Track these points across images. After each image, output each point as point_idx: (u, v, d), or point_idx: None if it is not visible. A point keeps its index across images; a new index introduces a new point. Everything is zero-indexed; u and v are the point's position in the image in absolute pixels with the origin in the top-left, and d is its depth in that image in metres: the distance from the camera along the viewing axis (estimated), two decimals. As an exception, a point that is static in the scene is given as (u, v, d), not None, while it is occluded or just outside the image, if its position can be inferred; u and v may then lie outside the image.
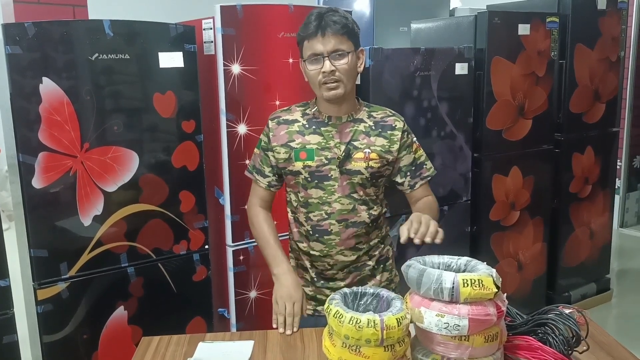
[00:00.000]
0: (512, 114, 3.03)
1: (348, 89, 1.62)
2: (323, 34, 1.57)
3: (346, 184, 1.67)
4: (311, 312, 1.77)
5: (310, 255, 1.74)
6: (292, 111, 1.74)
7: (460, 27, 3.03)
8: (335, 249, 1.70)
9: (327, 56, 1.57)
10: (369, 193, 1.70)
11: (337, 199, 1.67)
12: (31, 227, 1.94)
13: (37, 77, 1.87)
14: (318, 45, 1.57)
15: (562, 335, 1.28)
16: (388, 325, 1.17)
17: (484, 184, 3.01)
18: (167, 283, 2.22)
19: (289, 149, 1.68)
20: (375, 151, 1.66)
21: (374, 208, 1.72)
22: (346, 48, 1.59)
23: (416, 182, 1.75)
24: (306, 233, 1.73)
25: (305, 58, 1.62)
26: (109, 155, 2.03)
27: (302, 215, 1.72)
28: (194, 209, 2.24)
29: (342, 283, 1.75)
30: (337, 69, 1.58)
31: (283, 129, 1.71)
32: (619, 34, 3.41)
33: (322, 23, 1.57)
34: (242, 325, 2.44)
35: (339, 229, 1.68)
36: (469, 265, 1.31)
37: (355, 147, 1.66)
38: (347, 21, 1.60)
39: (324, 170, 1.66)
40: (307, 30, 1.59)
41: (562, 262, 3.45)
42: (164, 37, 2.08)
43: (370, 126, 1.69)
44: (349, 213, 1.68)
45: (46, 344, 2.00)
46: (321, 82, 1.60)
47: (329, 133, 1.67)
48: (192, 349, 1.53)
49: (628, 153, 5.20)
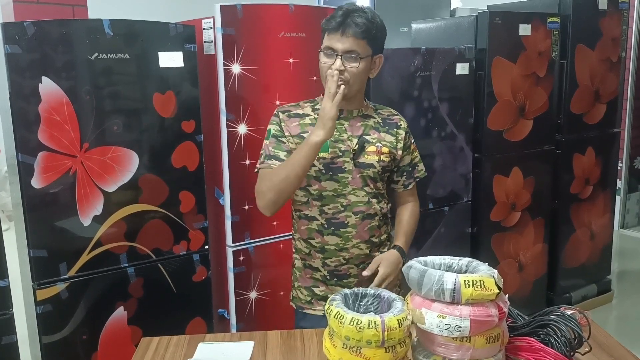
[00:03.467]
0: (512, 114, 3.02)
1: (352, 92, 1.63)
2: (343, 32, 1.57)
3: (359, 177, 1.68)
4: (321, 313, 1.74)
5: (324, 252, 1.71)
6: (301, 106, 1.74)
7: (460, 27, 3.03)
8: (352, 242, 1.69)
9: (341, 55, 1.58)
10: (378, 187, 1.72)
11: (351, 191, 1.68)
12: (30, 227, 1.94)
13: (37, 76, 1.86)
14: (336, 41, 1.58)
15: (564, 336, 1.27)
16: (389, 326, 1.16)
17: (485, 185, 3.01)
18: (167, 283, 2.21)
19: (301, 140, 1.64)
20: (386, 146, 1.70)
21: (382, 202, 1.75)
22: (362, 52, 1.59)
23: (410, 183, 1.80)
24: (320, 227, 1.70)
25: (322, 49, 1.63)
26: (109, 155, 2.02)
27: (315, 209, 1.70)
28: (194, 209, 2.23)
29: (354, 280, 1.73)
30: (347, 69, 1.59)
31: (295, 122, 1.70)
32: (619, 35, 3.40)
33: (347, 21, 1.57)
34: (242, 326, 2.44)
35: (355, 222, 1.68)
36: (470, 266, 1.30)
37: (368, 140, 1.68)
38: (371, 26, 1.59)
39: (338, 162, 1.66)
40: (329, 24, 1.60)
41: (563, 263, 3.45)
42: (164, 37, 2.08)
43: (379, 122, 1.73)
44: (364, 205, 1.69)
45: (45, 344, 2.00)
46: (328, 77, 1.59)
47: (342, 126, 1.68)
48: (192, 349, 1.52)
49: (629, 154, 5.19)
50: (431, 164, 2.80)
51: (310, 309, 1.78)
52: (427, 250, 2.82)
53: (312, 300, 1.78)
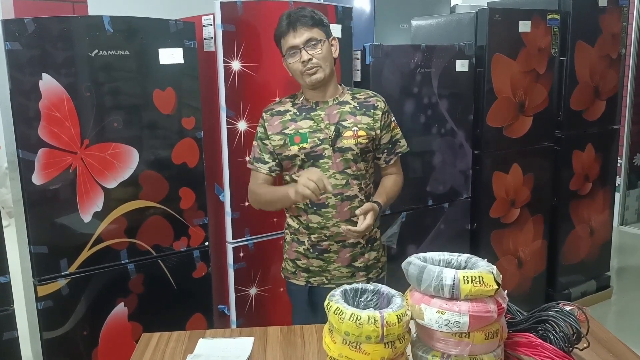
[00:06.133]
0: (512, 111, 3.02)
1: (327, 73, 1.80)
2: (294, 29, 1.76)
3: (339, 160, 1.82)
4: (303, 283, 1.94)
5: (309, 228, 1.87)
6: (283, 103, 1.92)
7: (460, 24, 3.03)
8: (332, 221, 1.84)
9: (302, 47, 1.76)
10: (360, 168, 1.85)
11: (331, 175, 1.82)
12: (31, 223, 1.94)
13: (37, 73, 1.86)
14: (292, 39, 1.77)
15: (562, 332, 1.28)
16: (388, 321, 1.17)
17: (484, 181, 3.01)
18: (167, 280, 2.22)
19: (283, 136, 1.84)
20: (362, 128, 1.83)
21: (364, 182, 1.88)
22: (318, 37, 1.78)
23: (391, 159, 1.96)
24: (305, 207, 1.86)
25: (285, 54, 1.81)
26: (109, 151, 2.02)
27: None
28: (194, 205, 2.24)
29: (334, 256, 1.88)
30: (314, 56, 1.76)
31: (277, 119, 1.87)
32: (619, 31, 3.40)
33: (292, 19, 1.77)
34: (242, 322, 2.44)
35: (335, 202, 1.83)
36: (469, 262, 1.31)
37: (344, 126, 1.83)
38: (314, 14, 1.79)
39: (318, 150, 1.82)
40: (280, 29, 1.79)
41: (562, 259, 3.45)
42: (164, 34, 2.08)
43: (355, 107, 1.86)
44: (343, 187, 1.83)
45: (46, 340, 2.00)
46: (302, 71, 1.78)
47: (319, 116, 1.84)
48: (192, 345, 1.53)
49: (628, 150, 5.19)
50: (431, 161, 2.80)
51: (294, 279, 1.97)
52: (427, 246, 2.82)
53: (296, 272, 1.95)
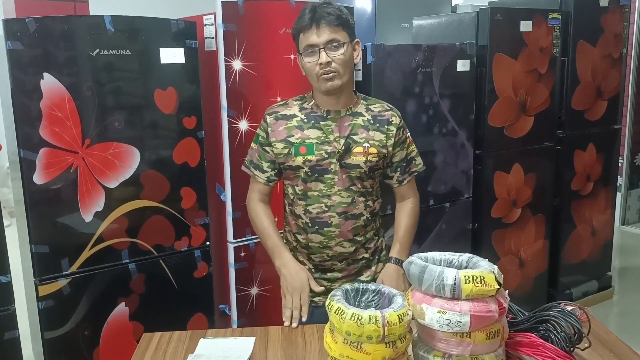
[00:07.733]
0: (514, 111, 3.02)
1: (345, 80, 1.63)
2: (317, 26, 1.58)
3: (345, 177, 1.68)
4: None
5: (309, 248, 1.75)
6: (290, 106, 1.74)
7: (462, 23, 3.02)
8: (335, 241, 1.71)
9: (323, 47, 1.58)
10: (366, 186, 1.72)
11: (336, 192, 1.68)
12: (32, 223, 1.94)
13: (38, 72, 1.86)
14: (313, 37, 1.59)
15: (564, 332, 1.28)
16: (389, 321, 1.17)
17: (486, 181, 3.00)
18: (168, 279, 2.22)
19: (288, 144, 1.68)
20: (374, 145, 1.68)
21: (370, 200, 1.75)
22: (341, 39, 1.60)
23: (405, 178, 1.79)
24: (304, 225, 1.73)
25: (302, 51, 1.63)
26: (110, 151, 2.02)
27: (300, 207, 1.72)
28: (195, 205, 2.24)
29: (339, 274, 1.77)
30: (333, 60, 1.59)
31: (281, 125, 1.70)
32: (621, 31, 3.40)
33: (316, 15, 1.58)
34: (243, 322, 2.44)
35: (338, 221, 1.69)
36: (470, 262, 1.31)
37: (354, 141, 1.67)
38: (341, 13, 1.61)
39: (324, 164, 1.67)
40: (301, 23, 1.61)
41: (564, 259, 3.45)
42: (165, 33, 2.08)
43: (368, 120, 1.70)
44: (348, 206, 1.69)
45: (47, 340, 2.01)
46: (318, 74, 1.60)
47: (328, 127, 1.68)
48: (193, 345, 1.53)
49: (630, 150, 5.18)
50: (432, 161, 2.80)
51: None
52: (428, 246, 2.82)
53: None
